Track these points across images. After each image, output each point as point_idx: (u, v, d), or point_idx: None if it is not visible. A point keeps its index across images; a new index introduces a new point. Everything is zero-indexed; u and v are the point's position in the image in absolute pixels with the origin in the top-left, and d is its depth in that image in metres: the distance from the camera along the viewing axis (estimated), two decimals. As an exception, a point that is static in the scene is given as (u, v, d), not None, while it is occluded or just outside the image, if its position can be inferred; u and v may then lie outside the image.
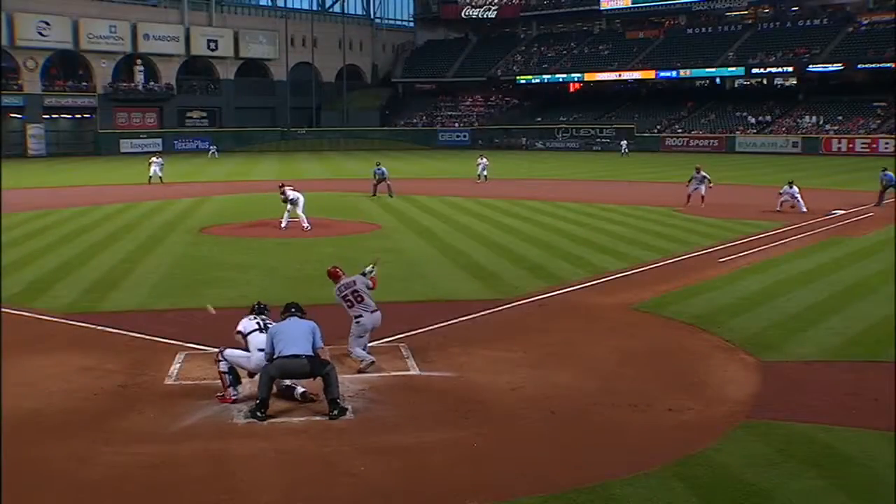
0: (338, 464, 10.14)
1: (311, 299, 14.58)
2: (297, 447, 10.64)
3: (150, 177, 49.62)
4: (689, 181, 36.07)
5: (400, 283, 19.41)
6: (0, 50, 78.63)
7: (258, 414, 11.49)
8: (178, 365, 13.88)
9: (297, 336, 11.84)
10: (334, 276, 14.11)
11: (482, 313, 17.40)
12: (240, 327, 12.81)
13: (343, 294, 13.83)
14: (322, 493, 9.43)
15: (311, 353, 11.76)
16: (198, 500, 9.28)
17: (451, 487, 9.50)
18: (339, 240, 27.55)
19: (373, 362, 13.59)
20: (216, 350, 12.73)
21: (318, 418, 11.50)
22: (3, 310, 17.85)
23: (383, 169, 41.93)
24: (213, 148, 79.16)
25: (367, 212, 35.21)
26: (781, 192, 33.78)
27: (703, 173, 36.10)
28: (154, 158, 52.25)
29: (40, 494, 9.46)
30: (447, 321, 16.58)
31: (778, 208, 33.22)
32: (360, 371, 13.40)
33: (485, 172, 49.33)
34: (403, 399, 12.37)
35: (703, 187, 35.39)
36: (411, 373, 13.53)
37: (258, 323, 12.83)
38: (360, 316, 13.70)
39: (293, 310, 12.41)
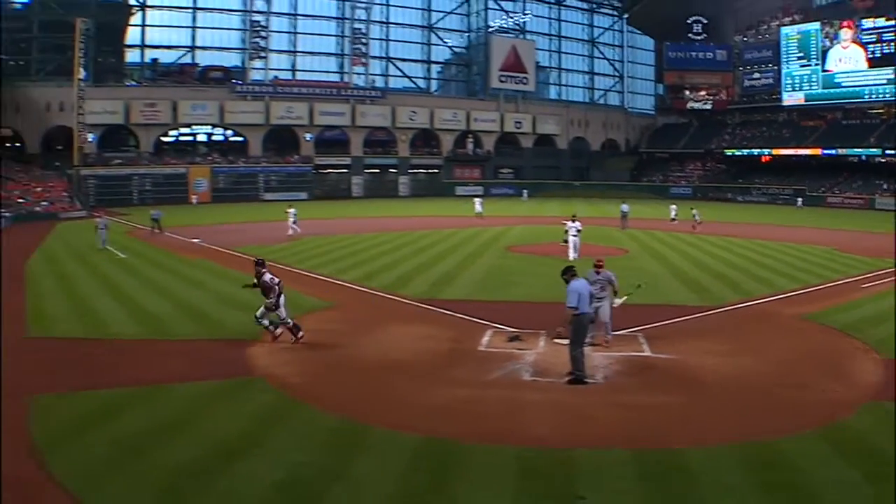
0: (589, 412, 10.16)
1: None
2: (564, 399, 10.68)
3: (478, 212, 48.65)
4: None
5: (641, 291, 18.87)
6: (388, 130, 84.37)
7: (585, 381, 11.24)
8: (487, 338, 14.21)
9: (586, 296, 11.58)
10: (601, 265, 13.74)
11: (695, 315, 16.76)
12: (270, 280, 13.88)
13: (601, 282, 13.51)
14: (576, 431, 9.52)
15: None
16: (495, 426, 9.56)
17: (665, 434, 9.36)
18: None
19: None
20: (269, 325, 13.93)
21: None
22: (380, 294, 19.10)
23: (627, 206, 40.68)
24: (524, 192, 79.99)
25: (619, 240, 34.30)
26: None
27: None
28: (476, 199, 52.44)
29: (397, 411, 10.15)
30: (671, 319, 16.05)
31: None
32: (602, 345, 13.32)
33: (674, 216, 44.49)
34: (639, 372, 12.15)
35: None
36: (645, 354, 13.20)
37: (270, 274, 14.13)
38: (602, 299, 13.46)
39: (574, 271, 11.85)
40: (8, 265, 25.47)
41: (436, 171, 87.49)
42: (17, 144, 68.19)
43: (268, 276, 13.96)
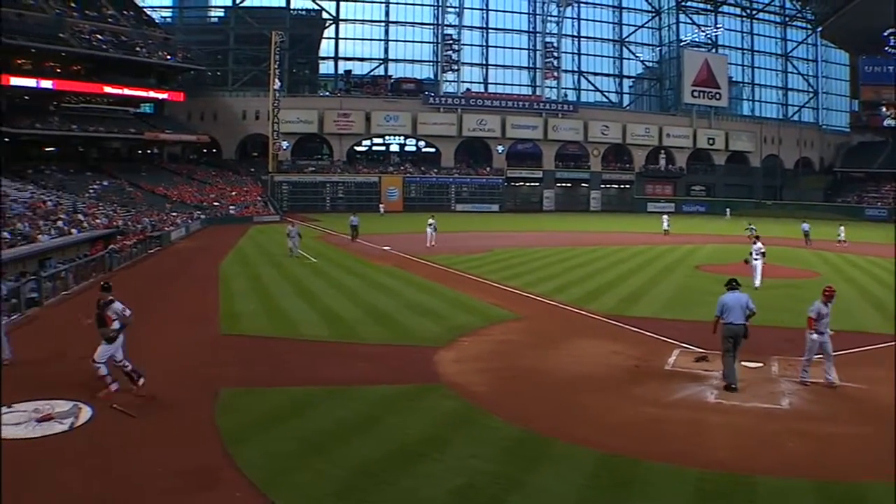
0: (772, 438, 9.76)
1: (771, 321, 13.65)
2: (747, 423, 10.32)
3: (665, 229, 47.84)
4: None
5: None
6: (580, 144, 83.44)
7: (732, 387, 11.64)
8: (674, 357, 13.90)
9: (736, 307, 11.89)
10: (832, 294, 12.62)
11: (888, 343, 15.31)
12: (122, 311, 11.11)
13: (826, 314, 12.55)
14: (758, 456, 9.16)
15: (745, 321, 11.83)
16: (677, 447, 9.41)
17: (848, 465, 8.88)
18: (789, 282, 25.32)
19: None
20: (102, 363, 11.00)
21: (761, 405, 10.99)
22: (567, 308, 19.10)
23: (807, 225, 41.09)
24: (728, 210, 75.14)
25: (809, 262, 31.69)
26: None
27: None
28: (664, 216, 51.11)
29: (580, 426, 10.16)
30: (863, 347, 14.87)
31: None
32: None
33: (842, 237, 40.35)
34: (825, 399, 11.45)
35: None
36: (832, 381, 12.25)
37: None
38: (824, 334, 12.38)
39: (734, 283, 12.36)
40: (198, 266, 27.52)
41: (627, 186, 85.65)
42: (214, 150, 74.19)
43: (119, 305, 11.25)
